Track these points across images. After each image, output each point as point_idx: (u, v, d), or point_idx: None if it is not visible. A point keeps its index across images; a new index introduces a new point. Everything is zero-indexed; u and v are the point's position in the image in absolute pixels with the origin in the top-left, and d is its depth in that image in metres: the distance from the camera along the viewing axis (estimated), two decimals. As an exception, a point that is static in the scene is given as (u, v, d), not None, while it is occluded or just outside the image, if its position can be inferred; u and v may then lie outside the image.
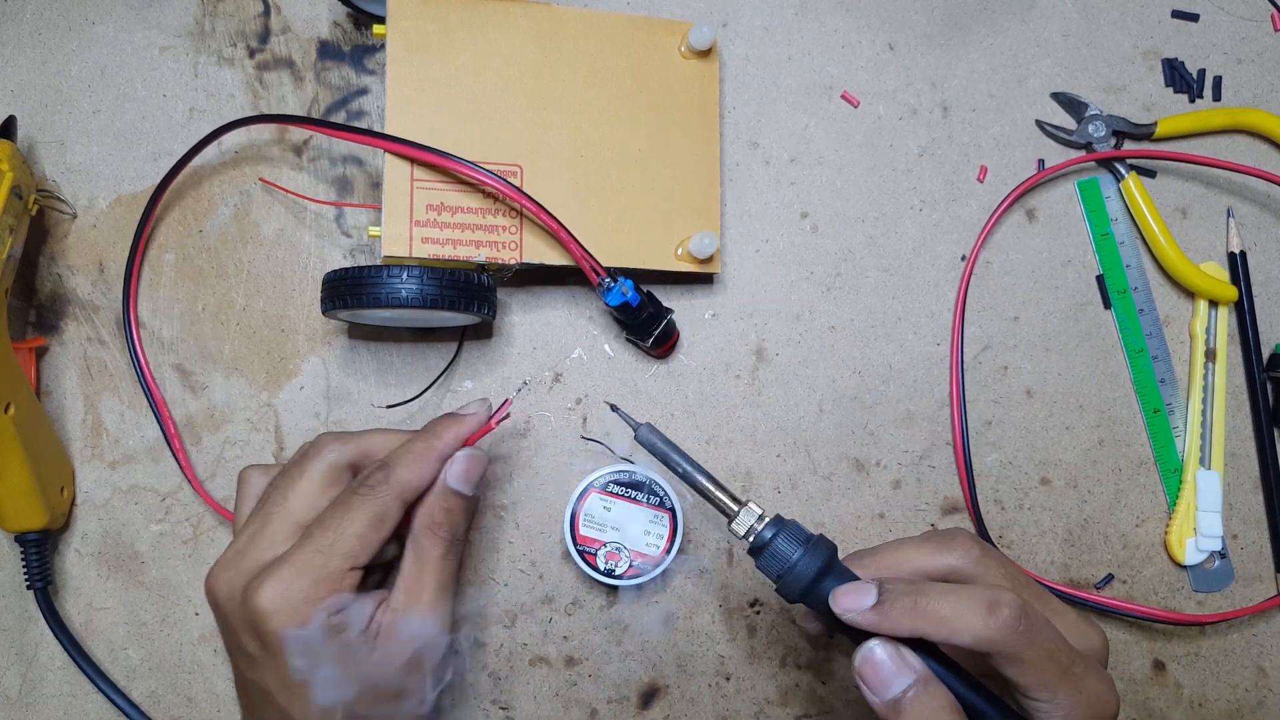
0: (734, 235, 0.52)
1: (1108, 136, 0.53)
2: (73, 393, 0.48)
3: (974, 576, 0.38)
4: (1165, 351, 0.53)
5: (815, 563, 0.37)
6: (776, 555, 0.38)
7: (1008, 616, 0.34)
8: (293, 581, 0.37)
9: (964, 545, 0.39)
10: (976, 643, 0.34)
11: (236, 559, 0.39)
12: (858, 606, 0.35)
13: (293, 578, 0.37)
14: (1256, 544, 0.53)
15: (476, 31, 0.46)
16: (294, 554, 0.37)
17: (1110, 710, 0.35)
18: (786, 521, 0.39)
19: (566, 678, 0.49)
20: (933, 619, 0.34)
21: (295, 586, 0.37)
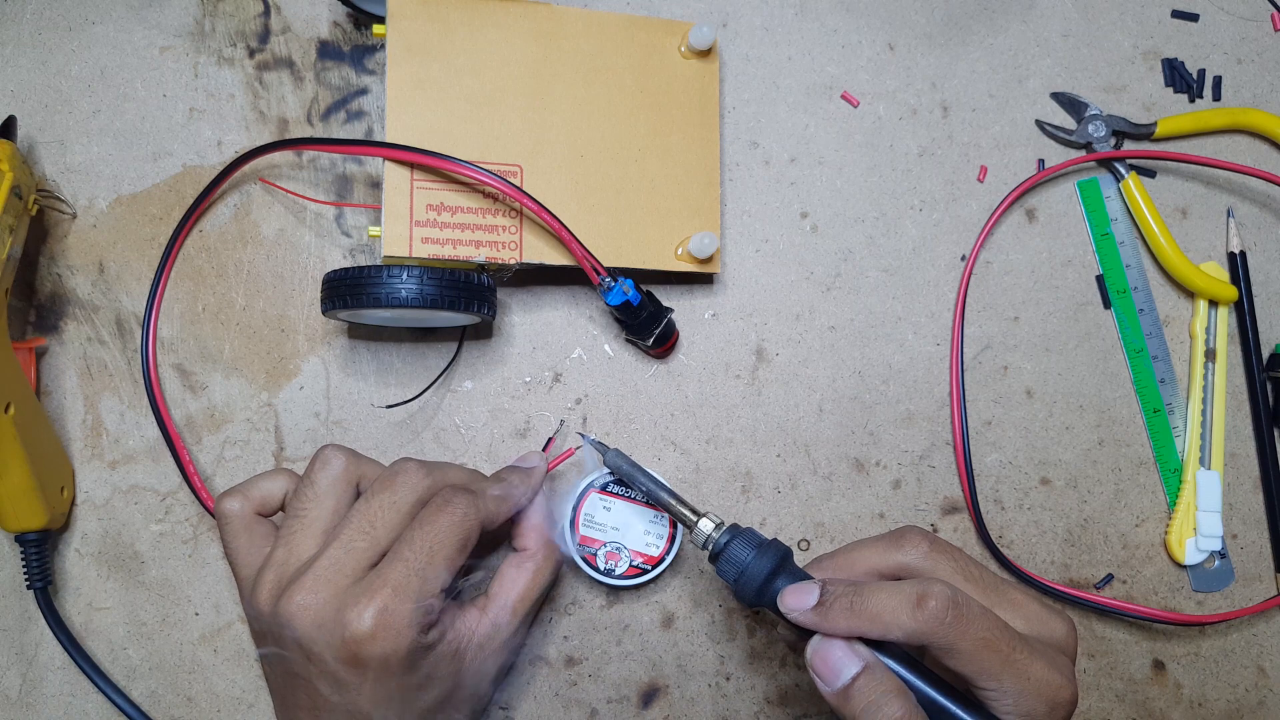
0: (734, 235, 0.52)
1: (1108, 136, 0.53)
2: (72, 393, 0.48)
3: (924, 571, 0.39)
4: (1165, 351, 0.53)
5: (767, 564, 0.38)
6: (731, 559, 0.40)
7: (935, 608, 0.34)
8: (396, 606, 0.37)
9: (913, 541, 0.39)
10: (908, 636, 0.34)
11: (322, 582, 0.37)
12: (800, 606, 0.36)
13: (395, 602, 0.37)
14: (1256, 544, 0.53)
15: (476, 31, 0.46)
16: (389, 574, 0.37)
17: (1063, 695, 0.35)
18: (743, 529, 0.40)
19: (566, 677, 0.49)
20: (867, 616, 0.35)
21: (398, 611, 0.37)
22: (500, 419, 0.50)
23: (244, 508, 0.42)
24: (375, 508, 0.39)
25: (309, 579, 0.37)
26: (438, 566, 0.38)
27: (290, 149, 0.47)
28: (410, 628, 0.37)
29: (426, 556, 0.38)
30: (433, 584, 0.38)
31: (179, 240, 0.49)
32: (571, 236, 0.44)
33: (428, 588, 0.37)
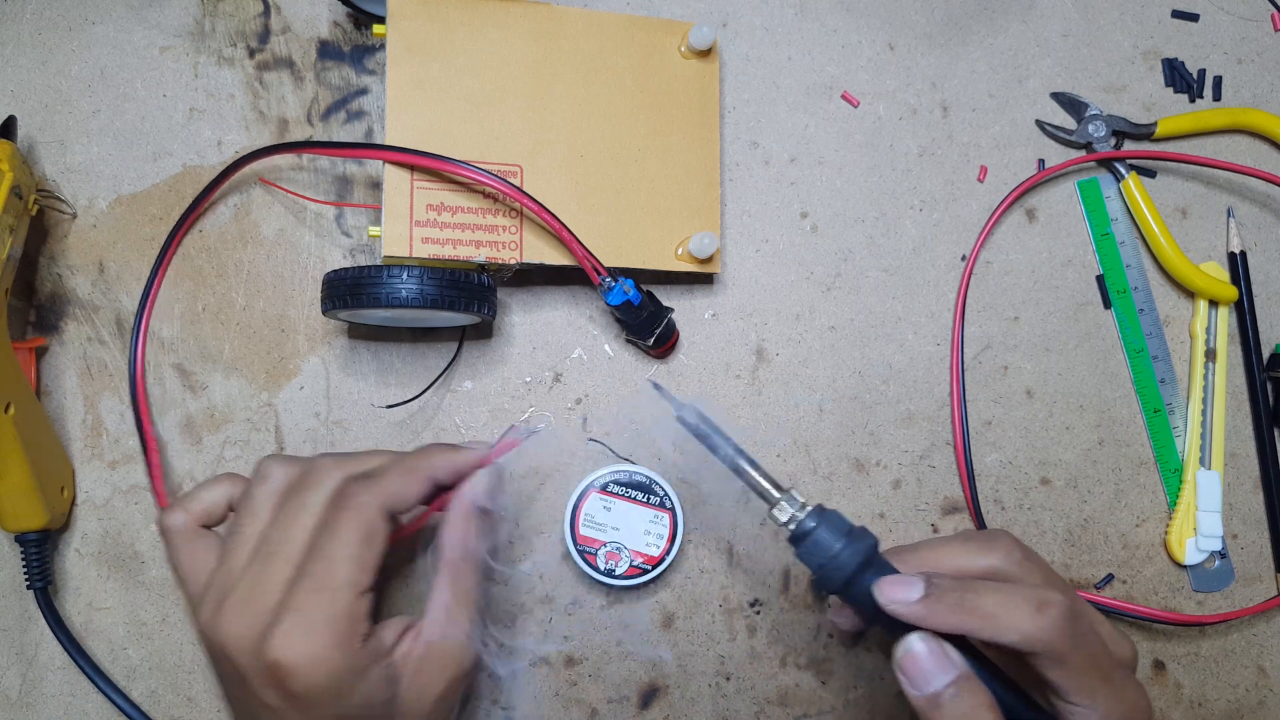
0: (734, 235, 0.52)
1: (1107, 136, 0.53)
2: (73, 393, 0.48)
3: (1016, 578, 0.38)
4: (1165, 351, 0.53)
5: (857, 555, 0.37)
6: (819, 545, 0.38)
7: (1056, 616, 0.33)
8: (307, 630, 0.34)
9: (1006, 546, 0.39)
10: (1023, 641, 0.33)
11: (244, 605, 0.35)
12: (904, 599, 0.35)
13: (306, 627, 0.34)
14: (1257, 544, 0.53)
15: (476, 31, 0.46)
16: (296, 596, 0.34)
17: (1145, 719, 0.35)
18: (828, 511, 0.38)
19: (566, 677, 0.49)
20: (980, 615, 0.34)
21: (312, 636, 0.34)
22: (500, 419, 0.50)
23: (186, 522, 0.39)
24: (287, 518, 0.37)
25: (231, 602, 0.35)
26: (344, 572, 0.35)
27: (290, 152, 0.47)
28: (332, 648, 0.34)
29: (327, 565, 0.35)
30: (342, 594, 0.35)
31: (175, 240, 0.49)
32: (572, 236, 0.44)
33: (338, 600, 0.34)
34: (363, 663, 0.35)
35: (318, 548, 0.35)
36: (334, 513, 0.36)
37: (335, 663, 0.34)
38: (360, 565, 0.35)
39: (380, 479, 0.37)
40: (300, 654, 0.34)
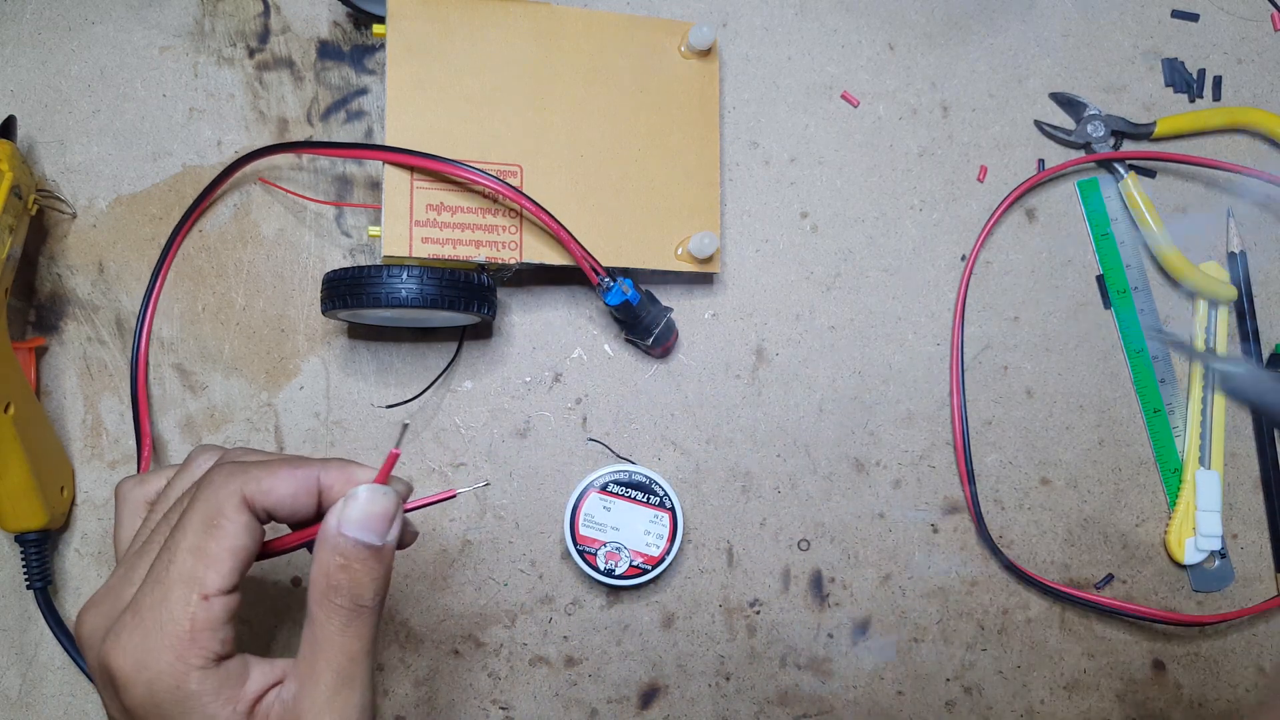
0: (734, 235, 0.52)
1: (1106, 136, 0.53)
2: (72, 393, 0.48)
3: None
4: (1165, 351, 0.53)
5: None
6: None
7: None
8: (138, 633, 0.28)
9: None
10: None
11: (100, 603, 0.30)
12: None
13: (137, 628, 0.28)
14: (1256, 544, 0.53)
15: (476, 31, 0.46)
16: (139, 595, 0.29)
17: None
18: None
19: (566, 677, 0.49)
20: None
21: (141, 640, 0.28)
22: (500, 419, 0.50)
23: (137, 495, 0.36)
24: (154, 517, 0.33)
25: (94, 599, 0.31)
26: (181, 566, 0.29)
27: (289, 152, 0.47)
28: (161, 657, 0.28)
29: (166, 559, 0.29)
30: (176, 593, 0.28)
31: (176, 241, 0.49)
32: (570, 237, 0.44)
33: (172, 599, 0.28)
34: (203, 689, 0.28)
35: (168, 546, 0.30)
36: (189, 502, 0.31)
37: (164, 677, 0.28)
38: (201, 558, 0.29)
39: (245, 467, 0.31)
40: (127, 659, 0.28)
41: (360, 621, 0.30)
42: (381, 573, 0.31)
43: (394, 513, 0.31)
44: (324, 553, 0.30)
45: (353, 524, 0.30)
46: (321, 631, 0.30)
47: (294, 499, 0.31)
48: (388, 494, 0.31)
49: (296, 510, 0.31)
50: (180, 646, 0.28)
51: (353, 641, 0.30)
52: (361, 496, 0.31)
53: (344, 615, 0.30)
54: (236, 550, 0.30)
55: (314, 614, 0.30)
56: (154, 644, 0.28)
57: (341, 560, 0.30)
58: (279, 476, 0.31)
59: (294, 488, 0.31)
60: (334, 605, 0.30)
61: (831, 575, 0.51)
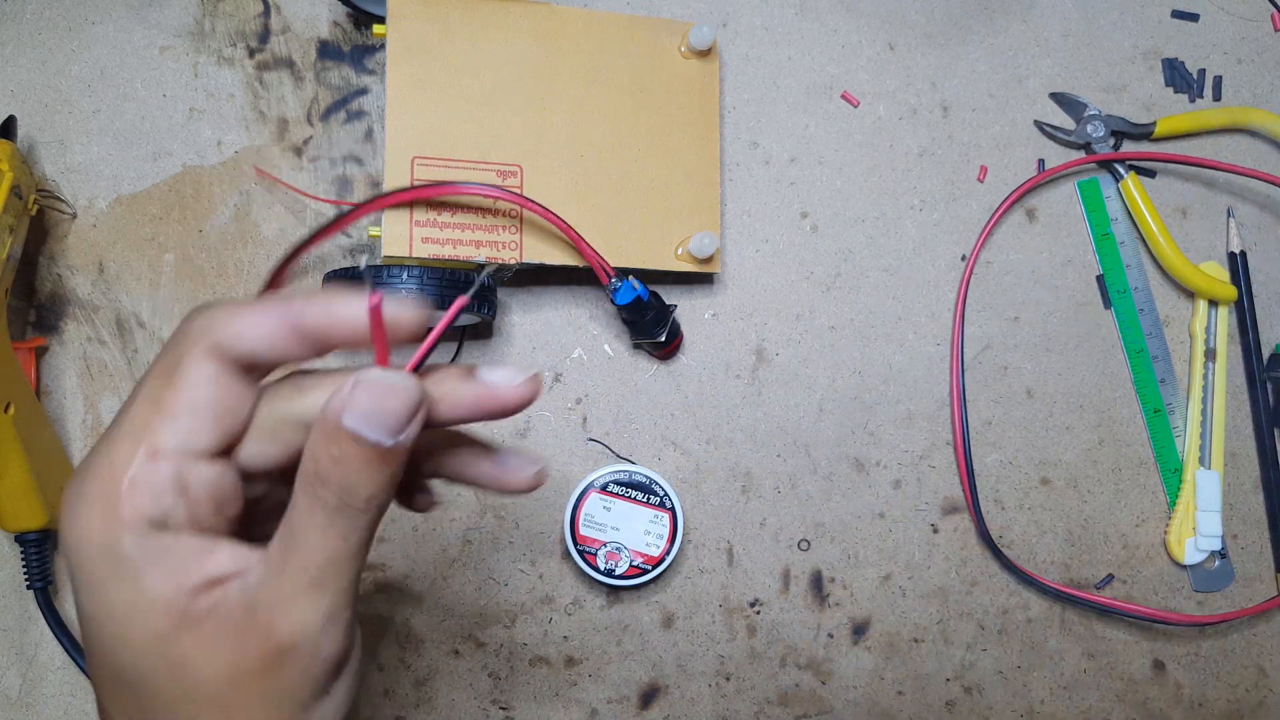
0: (734, 235, 0.52)
1: (1106, 136, 0.53)
2: (72, 393, 0.48)
3: None
4: (1165, 351, 0.53)
5: None
6: None
7: None
8: (78, 491, 0.24)
9: None
10: None
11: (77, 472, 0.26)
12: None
13: (78, 485, 0.25)
14: (1257, 544, 0.53)
15: (476, 31, 0.46)
16: (91, 451, 0.25)
17: None
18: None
19: (566, 677, 0.49)
20: None
21: (81, 496, 0.24)
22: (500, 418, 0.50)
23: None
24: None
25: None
26: (131, 416, 0.25)
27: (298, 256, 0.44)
28: (91, 513, 0.24)
29: (120, 416, 0.25)
30: (118, 446, 0.24)
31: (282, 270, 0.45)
32: (580, 239, 0.44)
33: (111, 450, 0.24)
34: (138, 555, 0.24)
35: (130, 394, 0.26)
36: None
37: (93, 534, 0.24)
38: (155, 410, 0.24)
39: (214, 311, 0.25)
40: (64, 515, 0.25)
41: (347, 522, 0.25)
42: (384, 476, 0.25)
43: (415, 408, 0.25)
44: (316, 435, 0.24)
45: (358, 415, 0.24)
46: (300, 522, 0.25)
47: (273, 343, 0.25)
48: (408, 385, 0.24)
49: (286, 352, 0.25)
50: (110, 502, 0.24)
51: (334, 542, 0.24)
52: (374, 383, 0.24)
53: (328, 511, 0.24)
54: (197, 404, 0.24)
55: (296, 499, 0.25)
56: (87, 495, 0.24)
57: (336, 452, 0.24)
58: (247, 318, 0.25)
59: (269, 329, 0.25)
60: (318, 497, 0.24)
61: (831, 575, 0.51)
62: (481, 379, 0.26)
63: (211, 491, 0.25)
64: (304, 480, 0.25)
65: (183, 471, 0.24)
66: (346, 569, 0.25)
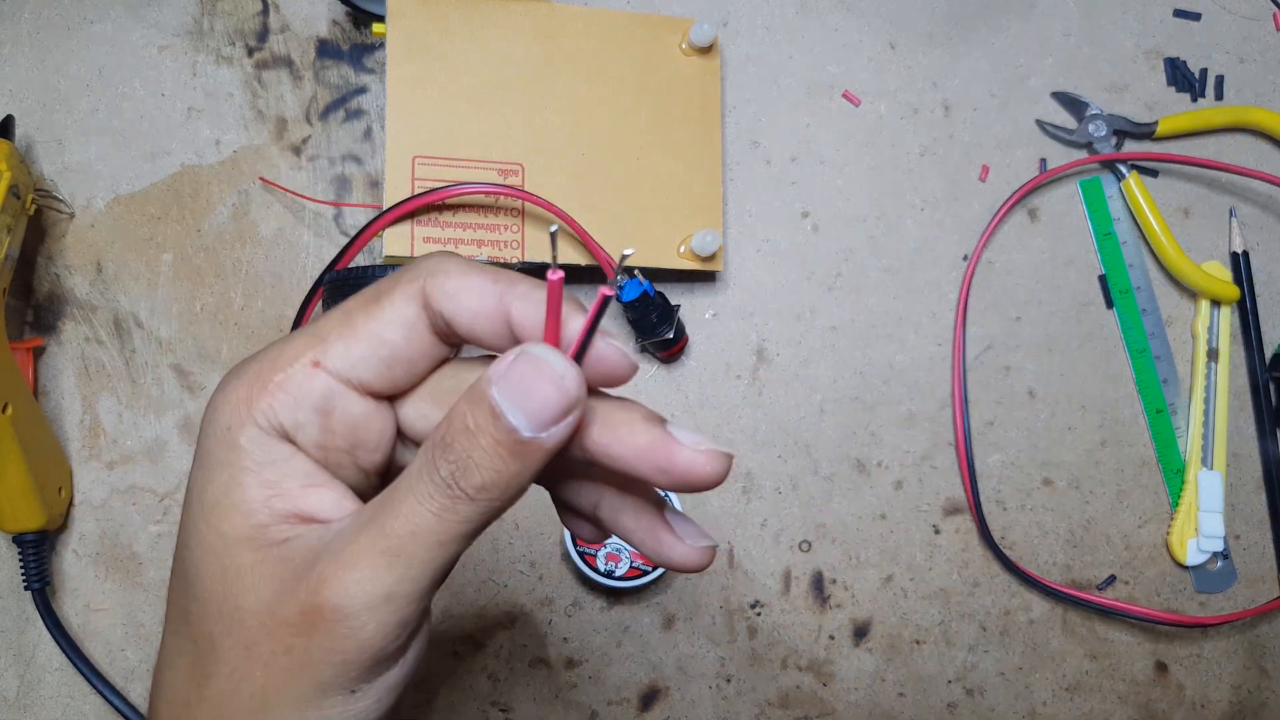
0: (735, 235, 0.51)
1: (1108, 136, 0.53)
2: (70, 393, 0.48)
3: None
4: (1168, 351, 0.53)
5: None
6: None
7: None
8: (241, 367, 0.24)
9: None
10: None
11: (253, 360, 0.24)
12: None
13: (244, 362, 0.24)
14: (1259, 545, 0.53)
15: (476, 30, 0.46)
16: (280, 338, 0.25)
17: None
18: None
19: (566, 679, 0.49)
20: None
21: (238, 374, 0.24)
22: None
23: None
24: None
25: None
26: (322, 329, 0.24)
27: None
28: (240, 406, 0.23)
29: (318, 318, 0.25)
30: (292, 349, 0.23)
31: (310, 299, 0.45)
32: (587, 235, 0.44)
33: (285, 351, 0.23)
34: (249, 449, 0.23)
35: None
36: None
37: (223, 412, 0.23)
38: (342, 324, 0.23)
39: (443, 263, 0.24)
40: (218, 388, 0.24)
41: (448, 502, 0.22)
42: (508, 469, 0.22)
43: (570, 405, 0.22)
44: (464, 397, 0.22)
45: (507, 391, 0.21)
46: (404, 483, 0.22)
47: (476, 319, 0.23)
48: (569, 375, 0.22)
49: (484, 334, 0.24)
50: (254, 389, 0.23)
51: (426, 516, 0.22)
52: (535, 362, 0.22)
53: (436, 482, 0.22)
54: (380, 339, 0.23)
55: (411, 463, 0.23)
56: (242, 374, 0.23)
57: (472, 422, 0.22)
58: (469, 284, 0.23)
59: (481, 305, 0.23)
60: (433, 462, 0.22)
61: (833, 576, 0.51)
62: (669, 430, 0.23)
63: (353, 427, 0.24)
64: (430, 440, 0.22)
65: (335, 394, 0.23)
66: (428, 553, 0.22)
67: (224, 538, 0.23)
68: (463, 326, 0.23)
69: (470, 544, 0.23)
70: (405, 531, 0.22)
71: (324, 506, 0.23)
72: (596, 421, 0.24)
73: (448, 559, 0.22)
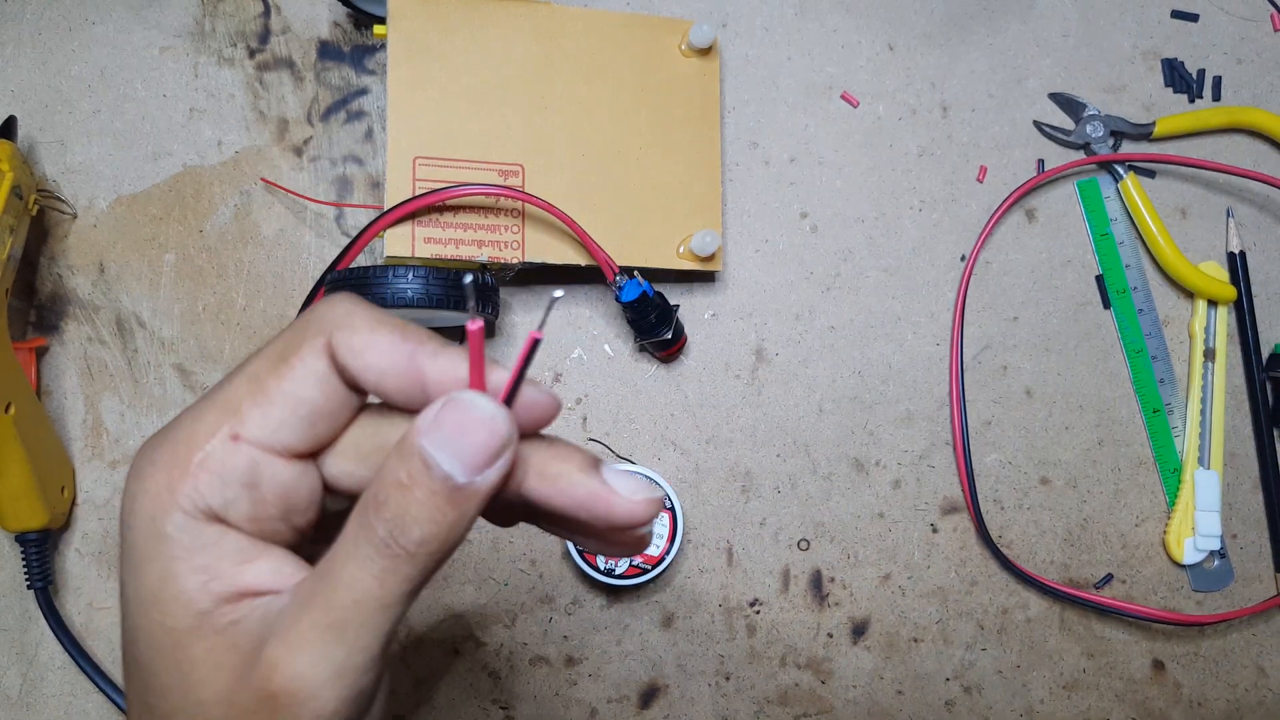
0: (734, 235, 0.52)
1: (1105, 137, 0.54)
2: (73, 392, 0.48)
3: None
4: (1165, 351, 0.53)
5: None
6: None
7: None
8: (152, 450, 0.23)
9: None
10: None
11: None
12: None
13: (155, 443, 0.23)
14: (1256, 544, 0.53)
15: (477, 31, 0.46)
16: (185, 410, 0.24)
17: None
18: None
19: (566, 677, 0.49)
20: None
21: (151, 459, 0.23)
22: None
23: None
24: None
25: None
26: (232, 398, 0.23)
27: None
28: (164, 492, 0.22)
29: (221, 384, 0.23)
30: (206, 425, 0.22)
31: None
32: (587, 235, 0.45)
33: (201, 427, 0.22)
34: (178, 538, 0.22)
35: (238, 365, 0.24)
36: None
37: (146, 500, 0.22)
38: (253, 389, 0.23)
39: (351, 313, 0.23)
40: (134, 466, 0.23)
41: (387, 564, 0.21)
42: (445, 519, 0.22)
43: (501, 446, 0.22)
44: (392, 453, 0.22)
45: (436, 440, 0.21)
46: (341, 550, 0.22)
47: (384, 377, 0.23)
48: (498, 417, 0.22)
49: (392, 391, 0.23)
50: (174, 474, 0.22)
51: (368, 582, 0.21)
52: (464, 407, 0.22)
53: (373, 545, 0.21)
54: (297, 399, 0.23)
55: (347, 525, 0.22)
56: (155, 460, 0.22)
57: (404, 478, 0.21)
58: (377, 342, 0.23)
59: (390, 364, 0.23)
60: (368, 525, 0.22)
61: (831, 575, 0.51)
62: (606, 479, 0.24)
63: (283, 494, 0.23)
64: (362, 503, 0.22)
65: (260, 464, 0.22)
66: (374, 620, 0.22)
67: (170, 632, 0.22)
68: (369, 384, 0.23)
69: (413, 602, 0.22)
70: (348, 601, 0.21)
71: (263, 578, 0.23)
72: (533, 472, 0.24)
73: (392, 621, 0.22)
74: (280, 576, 0.23)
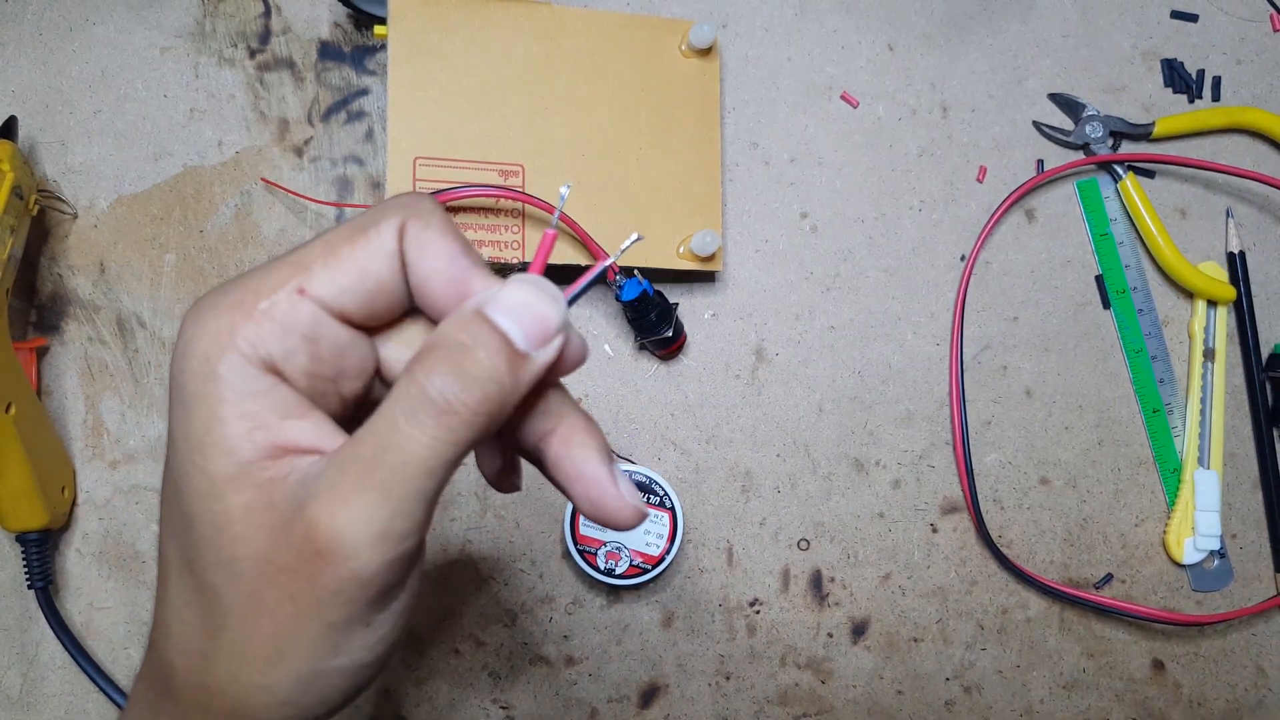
0: (734, 235, 0.52)
1: (1105, 137, 0.54)
2: (73, 393, 0.48)
3: None
4: (1164, 351, 0.53)
5: None
6: None
7: None
8: (220, 294, 0.23)
9: None
10: None
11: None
12: None
13: (223, 289, 0.23)
14: (1256, 544, 0.53)
15: (477, 31, 0.46)
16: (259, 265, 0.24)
17: None
18: None
19: (567, 677, 0.49)
20: None
21: (215, 302, 0.22)
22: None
23: None
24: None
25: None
26: (306, 256, 0.23)
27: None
28: (221, 333, 0.22)
29: (300, 245, 0.23)
30: (274, 277, 0.23)
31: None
32: (588, 235, 0.45)
33: (267, 278, 0.23)
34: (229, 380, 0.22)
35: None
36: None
37: (201, 341, 0.22)
38: (327, 251, 0.23)
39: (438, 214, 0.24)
40: (189, 317, 0.23)
41: (438, 424, 0.21)
42: (505, 385, 0.22)
43: (558, 328, 0.23)
44: (447, 320, 0.22)
45: (503, 307, 0.22)
46: (389, 410, 0.21)
47: (434, 276, 0.23)
48: (560, 300, 0.23)
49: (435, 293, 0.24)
50: (238, 317, 0.22)
51: (416, 443, 0.21)
52: (532, 285, 0.23)
53: (424, 405, 0.21)
54: (365, 270, 0.23)
55: (395, 388, 0.22)
56: (221, 302, 0.22)
57: (465, 339, 0.22)
58: (443, 245, 0.23)
59: (444, 266, 0.23)
60: (419, 384, 0.21)
61: (831, 575, 0.51)
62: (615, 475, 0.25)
63: (338, 354, 0.23)
64: (414, 362, 0.22)
65: (321, 322, 0.23)
66: (419, 484, 0.21)
67: (211, 479, 0.22)
68: (418, 277, 0.23)
69: (453, 473, 0.22)
70: (395, 462, 0.21)
71: (307, 435, 0.22)
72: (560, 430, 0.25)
73: (436, 487, 0.22)
74: (324, 436, 0.23)
